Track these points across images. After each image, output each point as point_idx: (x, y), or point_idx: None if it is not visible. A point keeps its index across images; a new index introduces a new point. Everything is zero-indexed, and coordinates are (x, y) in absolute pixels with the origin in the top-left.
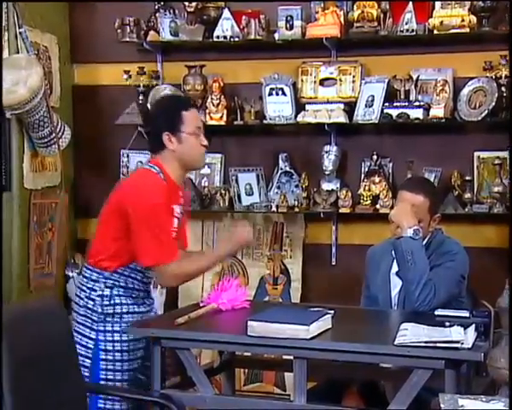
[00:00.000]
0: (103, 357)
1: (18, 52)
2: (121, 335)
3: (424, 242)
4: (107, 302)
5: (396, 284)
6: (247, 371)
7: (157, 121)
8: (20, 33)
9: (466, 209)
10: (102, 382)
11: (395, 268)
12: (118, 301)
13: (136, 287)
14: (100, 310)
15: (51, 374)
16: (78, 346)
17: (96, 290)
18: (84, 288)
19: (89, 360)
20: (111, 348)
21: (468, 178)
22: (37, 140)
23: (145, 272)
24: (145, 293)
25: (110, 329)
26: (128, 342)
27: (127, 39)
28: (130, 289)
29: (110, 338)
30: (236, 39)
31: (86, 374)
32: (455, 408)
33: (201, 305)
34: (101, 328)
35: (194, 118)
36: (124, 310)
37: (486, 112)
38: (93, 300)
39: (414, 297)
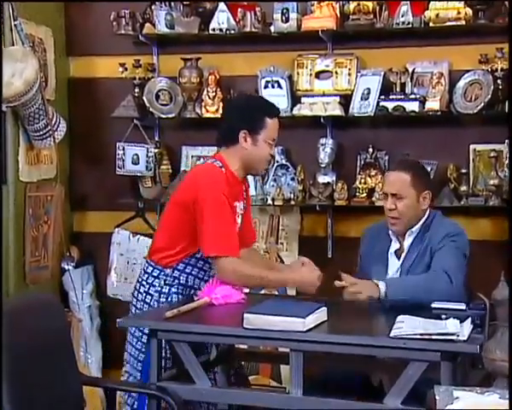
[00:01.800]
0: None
1: (13, 44)
2: None
3: (420, 223)
4: (164, 299)
5: (393, 264)
6: (243, 363)
7: (238, 116)
8: (15, 25)
9: (462, 202)
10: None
11: (394, 247)
12: (175, 298)
13: (196, 286)
14: (156, 306)
15: (48, 368)
16: (132, 338)
17: (155, 286)
18: (144, 283)
19: (143, 355)
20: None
21: (463, 170)
22: (33, 133)
23: (206, 270)
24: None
25: None
26: None
27: (123, 32)
28: (190, 287)
29: None
30: (232, 32)
31: (139, 368)
32: (450, 400)
33: (196, 299)
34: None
35: (274, 128)
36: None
37: (482, 105)
38: (151, 295)
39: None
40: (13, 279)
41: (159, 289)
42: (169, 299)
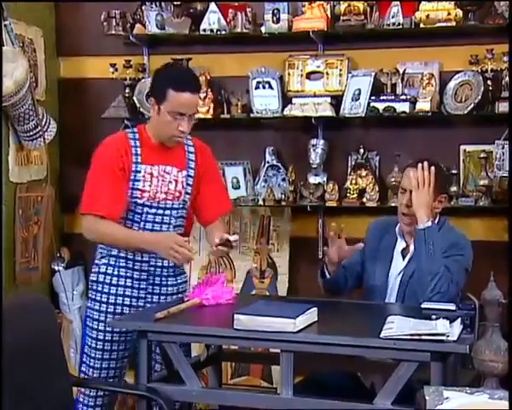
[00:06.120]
0: (87, 322)
1: (3, 45)
2: (100, 305)
3: None
4: (95, 274)
5: (398, 263)
6: (233, 364)
7: (151, 84)
8: (5, 26)
9: (452, 202)
10: (86, 347)
11: (400, 246)
12: (103, 269)
13: (130, 256)
14: (91, 280)
15: (37, 369)
16: (88, 339)
17: (96, 263)
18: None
19: (99, 352)
20: (92, 316)
21: (453, 171)
22: (23, 133)
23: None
24: (143, 263)
25: (93, 297)
26: (106, 313)
27: (113, 32)
28: (122, 258)
29: (90, 305)
30: (223, 32)
31: (97, 366)
32: (440, 400)
33: (186, 299)
34: (89, 294)
35: (179, 102)
36: (106, 280)
37: (472, 105)
38: (93, 272)
39: (429, 287)
40: (3, 280)
41: (97, 262)
42: (99, 269)
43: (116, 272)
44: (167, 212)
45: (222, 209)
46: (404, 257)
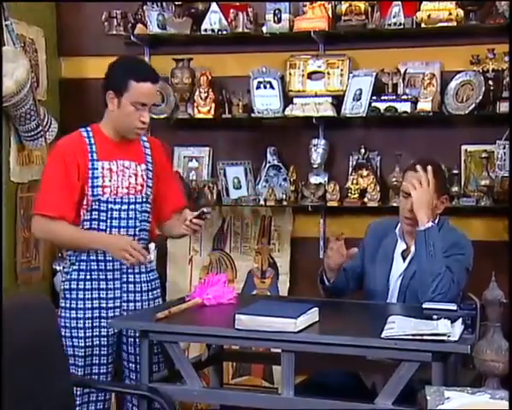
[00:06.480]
0: (63, 333)
1: (4, 45)
2: (77, 312)
3: None
4: (68, 282)
5: (398, 265)
6: (235, 364)
7: (107, 77)
8: (6, 26)
9: (453, 203)
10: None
11: (401, 247)
12: (75, 275)
13: (100, 257)
14: (63, 287)
15: (39, 369)
16: (71, 338)
17: (64, 269)
18: (64, 268)
19: (82, 350)
20: (70, 325)
21: (455, 171)
22: (24, 133)
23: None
24: (115, 262)
25: (68, 306)
26: (84, 319)
27: (114, 32)
28: (93, 260)
29: (65, 314)
30: (224, 32)
31: (80, 364)
32: (441, 400)
33: (187, 299)
34: (62, 304)
35: (141, 92)
36: (80, 286)
37: (473, 105)
38: (63, 281)
39: (431, 288)
40: (4, 280)
41: (66, 270)
42: (71, 277)
43: (89, 277)
44: (132, 207)
45: (177, 206)
46: (404, 259)
